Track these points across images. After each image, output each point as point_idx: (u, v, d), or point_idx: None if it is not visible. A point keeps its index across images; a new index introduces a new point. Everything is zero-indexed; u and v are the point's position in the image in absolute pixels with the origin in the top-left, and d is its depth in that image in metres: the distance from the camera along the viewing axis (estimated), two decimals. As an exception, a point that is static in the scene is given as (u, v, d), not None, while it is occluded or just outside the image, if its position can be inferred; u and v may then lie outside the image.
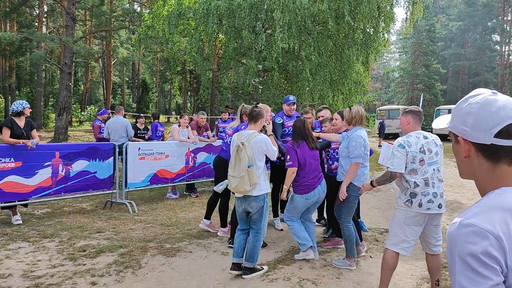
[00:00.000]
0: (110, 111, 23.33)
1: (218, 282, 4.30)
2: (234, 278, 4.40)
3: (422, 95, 28.04)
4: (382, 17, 14.48)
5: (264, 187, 4.35)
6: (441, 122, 1.42)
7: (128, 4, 31.88)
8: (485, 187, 1.18)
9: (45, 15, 32.24)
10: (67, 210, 7.12)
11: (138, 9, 35.78)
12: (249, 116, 4.54)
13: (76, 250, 5.08)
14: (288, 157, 4.74)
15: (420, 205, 3.65)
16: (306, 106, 16.34)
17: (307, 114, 6.06)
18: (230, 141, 5.39)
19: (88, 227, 6.07)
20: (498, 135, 1.12)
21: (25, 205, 6.56)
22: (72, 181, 6.61)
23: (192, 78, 35.55)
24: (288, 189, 4.89)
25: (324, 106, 6.73)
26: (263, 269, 4.52)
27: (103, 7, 25.55)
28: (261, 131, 4.63)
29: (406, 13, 15.70)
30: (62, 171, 6.48)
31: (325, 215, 6.24)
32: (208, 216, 6.03)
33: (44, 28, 31.13)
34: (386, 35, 15.53)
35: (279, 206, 6.56)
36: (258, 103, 4.95)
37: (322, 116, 6.55)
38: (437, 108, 30.31)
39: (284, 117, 6.31)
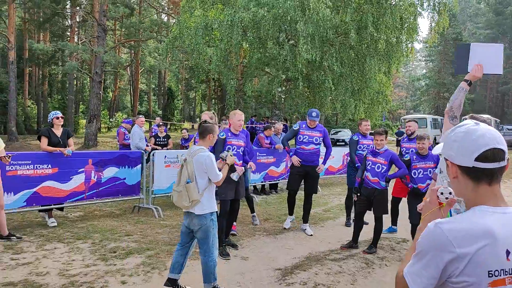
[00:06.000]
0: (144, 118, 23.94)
1: (238, 285, 4.58)
2: (253, 281, 4.67)
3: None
4: (405, 28, 14.59)
5: (208, 206, 4.13)
6: (438, 148, 1.67)
7: (156, 15, 32.71)
8: (470, 203, 1.41)
9: (77, 26, 33.43)
10: (98, 214, 7.53)
11: (166, 19, 36.63)
12: (198, 131, 4.38)
13: (107, 251, 5.45)
14: None
15: None
16: (328, 114, 16.41)
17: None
18: None
19: (118, 230, 6.46)
20: (478, 159, 1.35)
21: (61, 209, 7.01)
22: (103, 187, 7.03)
23: (216, 86, 36.10)
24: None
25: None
26: None
27: (132, 18, 26.33)
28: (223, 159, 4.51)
29: (430, 23, 15.76)
30: (94, 177, 6.91)
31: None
32: None
33: (76, 38, 32.28)
34: (409, 45, 15.61)
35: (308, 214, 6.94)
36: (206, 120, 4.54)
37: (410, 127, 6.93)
38: (463, 117, 29.79)
39: (304, 125, 6.64)
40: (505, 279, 1.26)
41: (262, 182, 10.10)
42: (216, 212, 4.28)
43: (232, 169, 4.56)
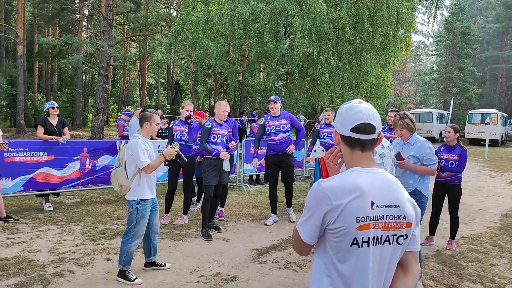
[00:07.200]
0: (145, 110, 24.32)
1: (215, 262, 4.90)
2: (229, 260, 4.99)
3: (453, 99, 27.66)
4: (402, 22, 14.69)
5: (135, 193, 4.24)
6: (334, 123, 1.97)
7: (165, 9, 32.98)
8: (348, 165, 1.71)
9: (85, 20, 33.92)
10: (94, 200, 7.90)
11: (174, 13, 36.94)
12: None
13: (97, 232, 5.81)
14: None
15: None
16: (334, 108, 16.66)
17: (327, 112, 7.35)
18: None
19: (110, 214, 6.81)
20: (352, 130, 1.65)
21: (57, 195, 7.39)
22: (98, 174, 7.39)
23: (222, 80, 36.40)
24: None
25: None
26: (133, 281, 4.24)
27: (140, 13, 26.65)
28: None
29: (428, 17, 15.87)
30: (89, 164, 7.27)
31: None
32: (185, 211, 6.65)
33: (84, 32, 32.77)
34: (407, 39, 15.72)
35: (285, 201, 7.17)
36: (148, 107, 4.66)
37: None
38: (469, 112, 29.77)
39: (269, 116, 6.75)
40: (370, 224, 1.55)
41: (256, 172, 10.38)
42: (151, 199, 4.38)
43: (179, 157, 4.60)
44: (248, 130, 15.31)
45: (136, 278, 4.30)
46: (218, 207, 6.82)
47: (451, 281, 4.68)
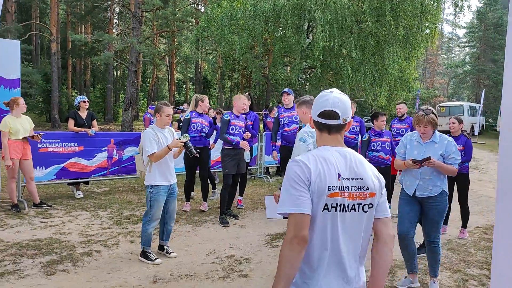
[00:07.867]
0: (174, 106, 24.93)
1: (230, 246, 5.22)
2: (244, 244, 5.29)
3: (484, 91, 27.05)
4: (426, 15, 14.55)
5: (148, 179, 4.57)
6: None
7: (194, 4, 33.47)
8: (319, 145, 1.97)
9: (116, 17, 34.84)
10: (121, 189, 8.35)
11: (202, 9, 37.43)
12: None
13: (123, 218, 6.22)
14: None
15: None
16: (362, 102, 16.41)
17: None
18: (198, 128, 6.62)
19: (135, 202, 7.24)
20: (319, 115, 1.91)
21: (87, 183, 7.87)
22: (124, 164, 7.84)
23: (248, 74, 36.69)
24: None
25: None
26: (154, 261, 4.58)
27: (169, 9, 27.15)
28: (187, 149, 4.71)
29: (455, 9, 15.66)
30: (116, 155, 7.72)
31: None
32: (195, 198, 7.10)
33: (115, 29, 33.67)
34: (432, 31, 15.56)
35: None
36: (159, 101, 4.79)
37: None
38: (500, 109, 29.04)
39: (282, 109, 6.95)
40: (338, 193, 1.80)
41: (276, 164, 10.64)
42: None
43: (188, 149, 4.69)
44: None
45: (157, 258, 4.65)
46: (237, 196, 7.12)
47: (457, 267, 4.83)
